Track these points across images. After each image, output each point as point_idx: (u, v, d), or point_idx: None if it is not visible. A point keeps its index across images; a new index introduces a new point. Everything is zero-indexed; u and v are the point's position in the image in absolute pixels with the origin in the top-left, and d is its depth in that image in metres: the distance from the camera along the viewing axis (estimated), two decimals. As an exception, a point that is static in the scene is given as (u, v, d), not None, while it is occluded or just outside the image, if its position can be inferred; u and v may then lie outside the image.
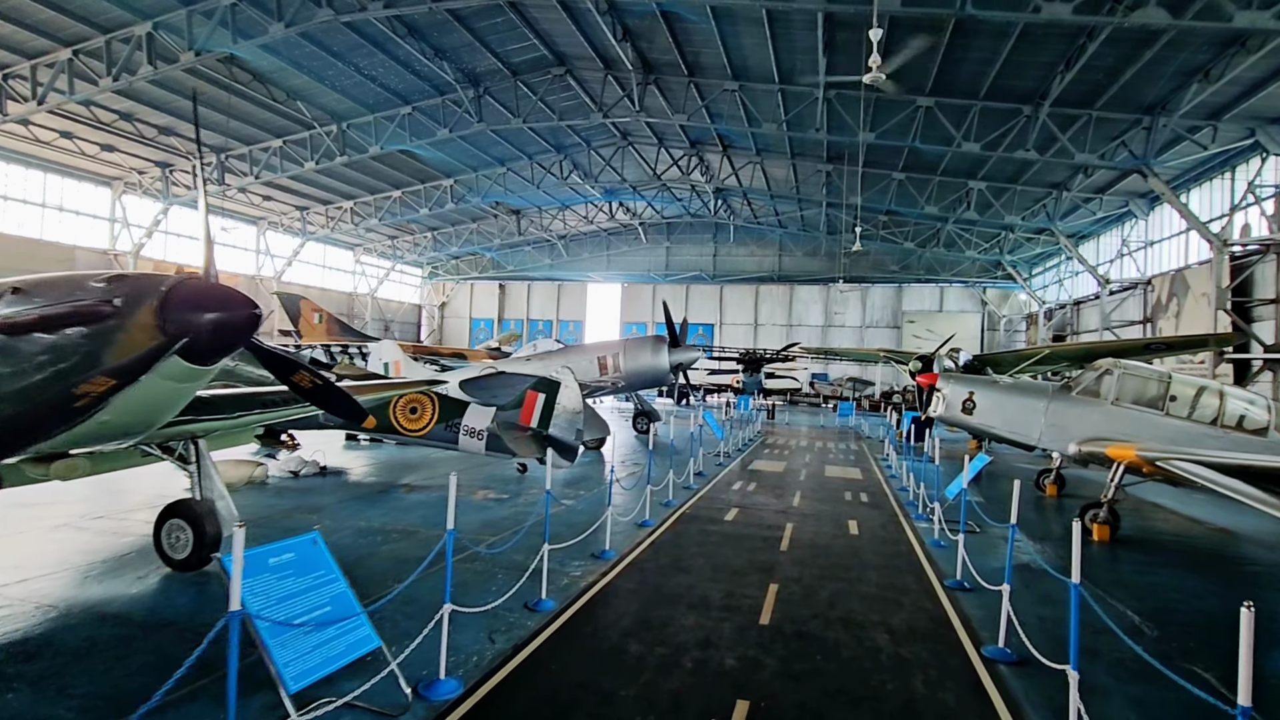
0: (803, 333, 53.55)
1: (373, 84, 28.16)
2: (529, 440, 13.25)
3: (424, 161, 37.82)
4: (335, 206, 43.32)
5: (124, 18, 21.88)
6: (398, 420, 14.13)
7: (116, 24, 22.27)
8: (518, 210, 49.46)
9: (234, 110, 29.56)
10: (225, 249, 43.19)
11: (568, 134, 35.41)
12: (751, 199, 44.64)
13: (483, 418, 14.09)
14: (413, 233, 52.02)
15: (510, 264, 58.86)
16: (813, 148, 32.37)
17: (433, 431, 14.15)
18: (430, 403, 14.39)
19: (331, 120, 30.86)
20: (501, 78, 28.27)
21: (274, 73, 26.59)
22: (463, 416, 14.18)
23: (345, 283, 54.14)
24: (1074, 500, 14.43)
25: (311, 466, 13.55)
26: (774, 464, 17.94)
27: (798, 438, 26.29)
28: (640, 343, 21.17)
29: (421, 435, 14.28)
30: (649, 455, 12.26)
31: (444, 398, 14.51)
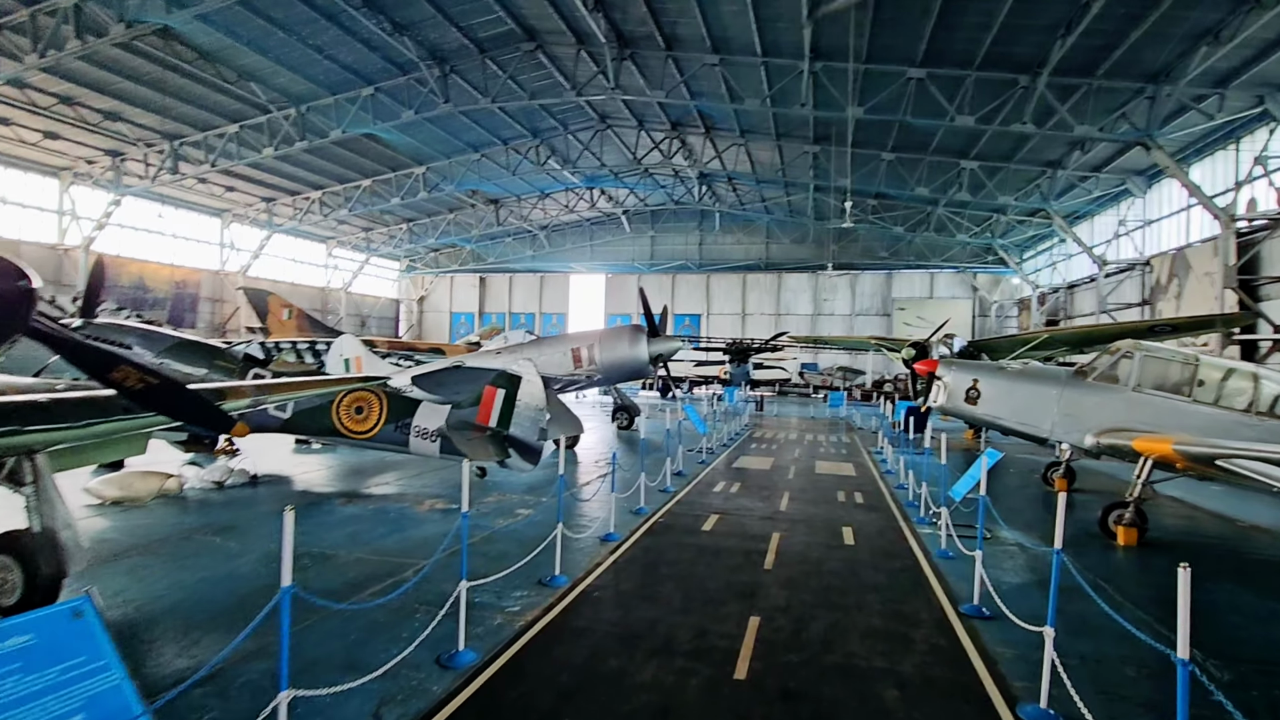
0: (791, 322, 52.34)
1: (330, 63, 26.44)
2: (485, 442, 11.81)
3: (394, 148, 36.10)
4: (303, 197, 41.48)
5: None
6: (341, 422, 12.66)
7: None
8: (496, 199, 47.79)
9: (184, 93, 27.78)
10: (187, 242, 41.34)
11: (543, 117, 33.82)
12: (737, 184, 43.24)
13: (436, 417, 12.65)
14: (387, 224, 50.22)
15: (491, 256, 57.20)
16: (799, 127, 30.98)
17: (381, 433, 12.70)
18: (378, 401, 12.93)
19: (290, 103, 29.09)
20: (468, 55, 26.63)
21: (221, 50, 24.80)
22: (414, 416, 12.75)
23: (318, 277, 52.33)
24: (1086, 496, 13.21)
25: (240, 476, 12.06)
26: (761, 460, 16.61)
27: (787, 430, 25.02)
28: (617, 333, 19.73)
29: (369, 438, 12.83)
30: (615, 457, 10.87)
31: (393, 395, 13.05)
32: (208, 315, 42.60)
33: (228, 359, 13.33)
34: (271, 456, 14.77)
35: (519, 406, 12.30)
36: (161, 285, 39.38)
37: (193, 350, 13.29)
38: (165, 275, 39.60)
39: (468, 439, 11.66)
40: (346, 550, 8.11)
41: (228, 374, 13.04)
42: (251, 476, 12.31)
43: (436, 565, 5.89)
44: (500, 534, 8.86)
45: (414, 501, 10.90)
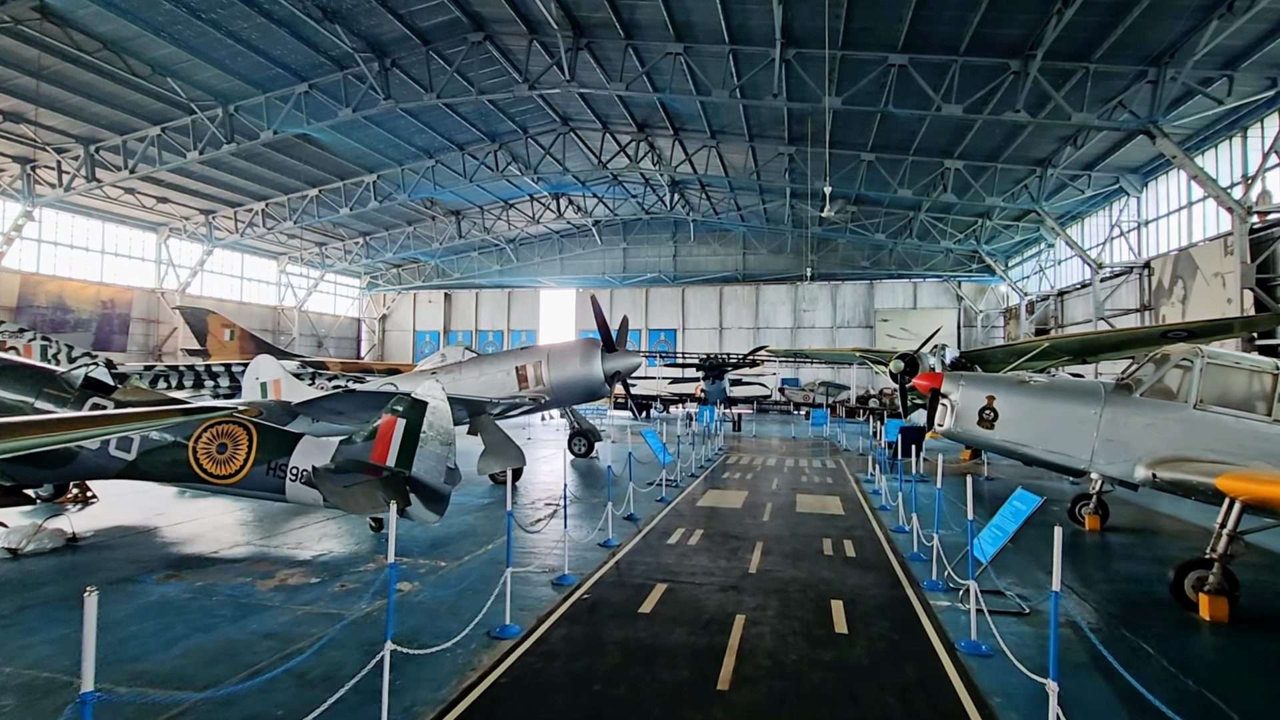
0: (770, 335, 50.20)
1: (257, 56, 23.91)
2: (374, 488, 9.18)
3: (341, 155, 33.54)
4: (245, 209, 38.64)
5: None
6: (199, 463, 9.96)
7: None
8: (457, 211, 45.29)
9: (93, 90, 25.07)
10: (119, 259, 38.23)
11: (501, 119, 31.52)
12: (710, 192, 41.18)
13: (320, 454, 10.00)
14: (342, 238, 47.46)
15: (456, 271, 54.57)
16: (772, 126, 28.95)
17: (249, 477, 10.03)
18: (246, 437, 10.25)
19: (216, 102, 26.44)
20: (410, 47, 24.26)
21: (129, 40, 22.17)
22: (291, 455, 10.10)
23: (271, 295, 49.26)
24: (1125, 537, 10.85)
25: (52, 538, 9.25)
26: (733, 495, 14.08)
27: (765, 454, 22.55)
28: (568, 349, 17.22)
29: (234, 483, 10.15)
30: (565, 495, 8.28)
31: (265, 429, 10.37)
32: (141, 337, 39.38)
33: (61, 386, 10.53)
34: (134, 505, 11.96)
35: (424, 440, 9.70)
36: (86, 305, 36.15)
37: (12, 374, 10.51)
38: (90, 294, 36.40)
39: (344, 487, 9.01)
40: (77, 672, 5.40)
41: (60, 403, 10.30)
42: (69, 538, 9.50)
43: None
44: (339, 639, 6.10)
45: (265, 573, 8.20)
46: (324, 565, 8.80)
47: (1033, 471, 17.56)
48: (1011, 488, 7.48)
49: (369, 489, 9.13)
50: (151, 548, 9.71)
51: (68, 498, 12.24)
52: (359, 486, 9.04)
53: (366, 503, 9.03)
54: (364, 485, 9.13)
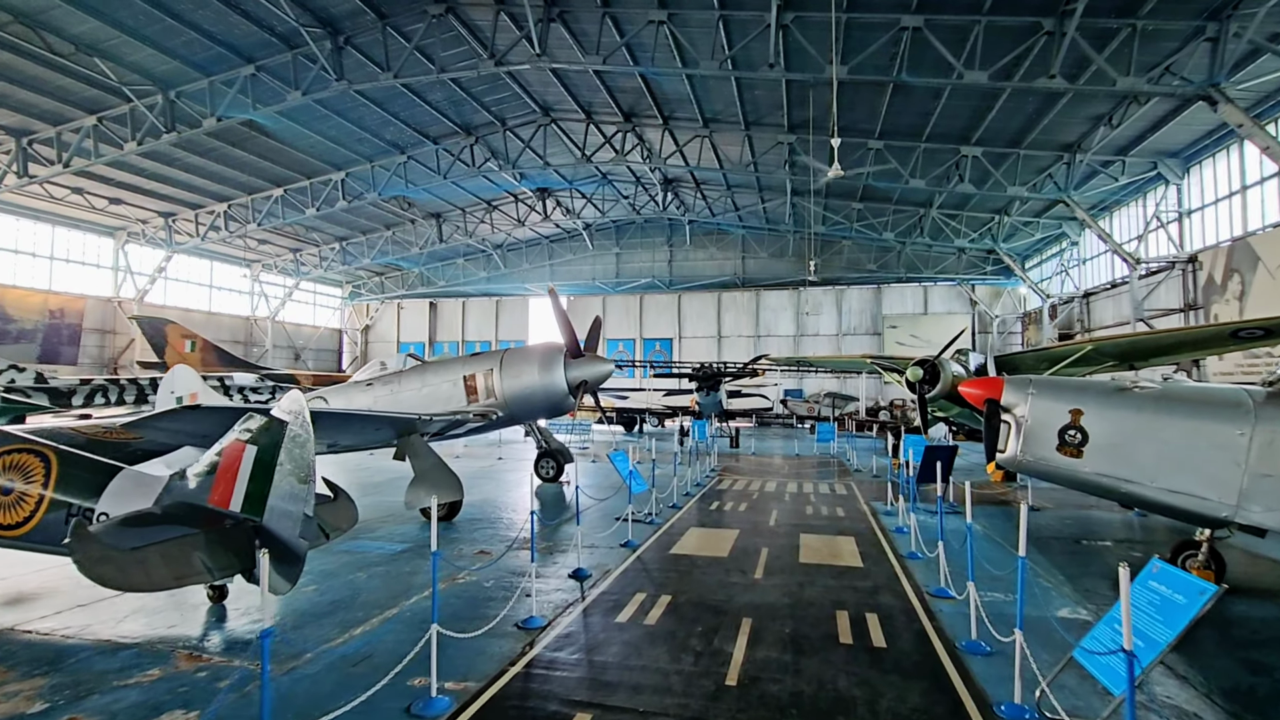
0: (772, 344, 47.33)
1: (195, 34, 21.38)
2: (188, 549, 6.29)
3: (306, 151, 31.01)
4: (206, 210, 36.09)
5: None
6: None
7: None
8: (438, 213, 42.71)
9: (14, 73, 22.53)
10: (70, 265, 35.69)
11: (476, 109, 28.95)
12: (706, 190, 38.52)
13: (140, 495, 7.19)
14: (316, 244, 44.90)
15: (441, 279, 51.95)
16: (770, 111, 26.26)
17: (40, 529, 7.26)
18: (42, 470, 7.47)
19: (155, 88, 23.89)
20: (366, 23, 21.73)
21: (41, 13, 19.62)
22: (100, 496, 7.29)
23: (243, 305, 46.69)
24: (1259, 605, 7.90)
25: None
26: (719, 536, 11.15)
27: (765, 475, 19.64)
28: (523, 354, 14.38)
29: (18, 536, 7.37)
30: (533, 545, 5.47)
31: (69, 458, 7.58)
32: (94, 349, 36.73)
33: None
34: None
35: (279, 474, 6.80)
36: (31, 314, 33.54)
37: None
38: (36, 303, 33.81)
39: (130, 550, 6.11)
40: None
41: None
42: None
43: None
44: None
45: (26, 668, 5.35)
46: (119, 658, 5.94)
47: (1082, 499, 14.63)
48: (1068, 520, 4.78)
49: (181, 550, 6.23)
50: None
51: None
52: (160, 548, 6.14)
53: (170, 572, 6.13)
54: (172, 545, 6.24)
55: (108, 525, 6.12)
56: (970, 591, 6.24)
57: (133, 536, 6.07)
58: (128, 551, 5.79)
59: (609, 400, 36.42)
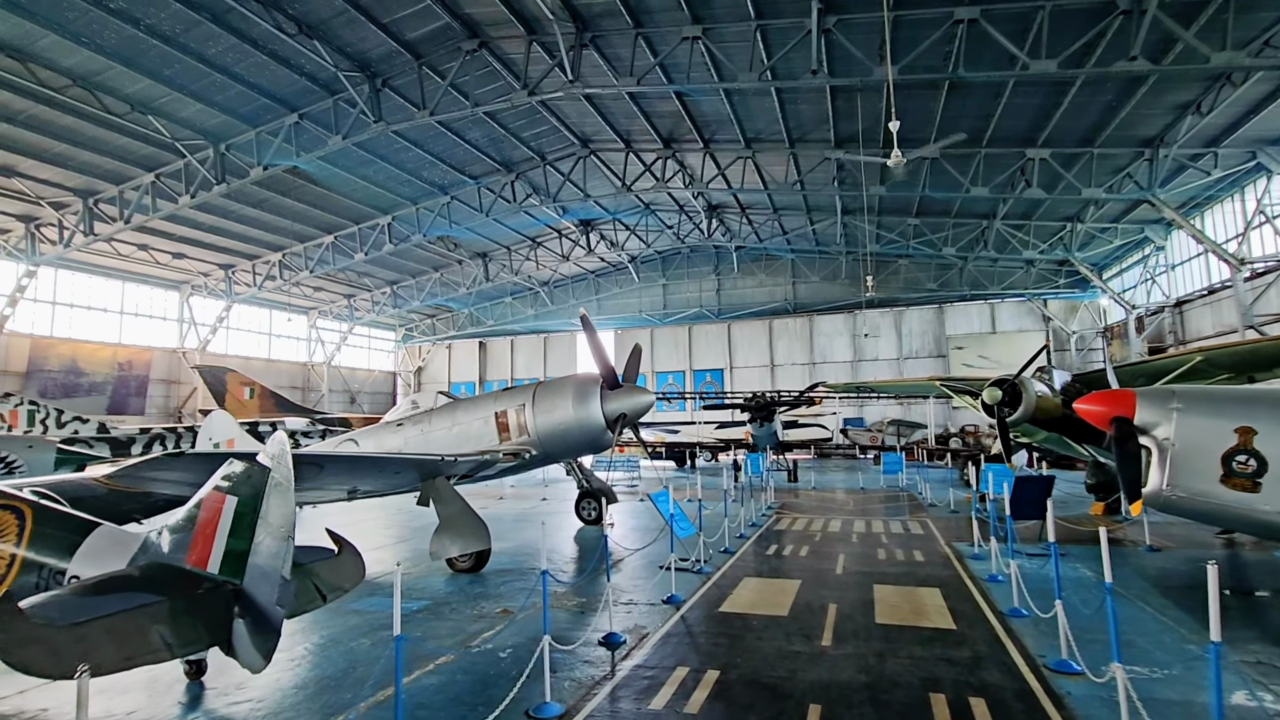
0: (828, 371, 45.27)
1: (241, 87, 21.99)
2: (146, 621, 5.33)
3: (353, 196, 31.57)
4: (262, 260, 37.18)
5: None
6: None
7: None
8: (484, 253, 42.96)
9: (79, 136, 23.61)
10: (139, 319, 37.19)
11: (515, 145, 28.90)
12: (751, 214, 37.42)
13: (113, 554, 6.35)
14: (369, 289, 45.77)
15: (490, 318, 52.23)
16: (815, 126, 25.09)
17: (11, 594, 6.43)
18: (16, 527, 6.70)
19: (206, 142, 24.65)
20: (402, 64, 21.85)
21: (98, 74, 20.43)
22: (73, 556, 6.47)
23: (300, 351, 47.86)
24: None
25: None
26: (777, 589, 9.66)
27: (827, 513, 17.90)
28: (557, 387, 13.37)
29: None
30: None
31: (45, 514, 6.80)
32: (161, 399, 37.93)
33: None
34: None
35: (261, 530, 5.82)
36: (101, 367, 34.90)
37: None
38: (106, 356, 35.20)
39: (74, 626, 5.17)
40: None
41: None
42: None
43: None
44: None
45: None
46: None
47: (1201, 532, 12.44)
48: (1200, 563, 3.49)
49: (135, 624, 5.25)
50: None
51: None
52: (108, 623, 5.17)
53: (118, 652, 5.15)
54: (125, 618, 5.27)
55: (47, 596, 5.23)
56: (1118, 677, 4.66)
57: (77, 609, 5.14)
58: (65, 629, 4.82)
59: (658, 435, 35.15)
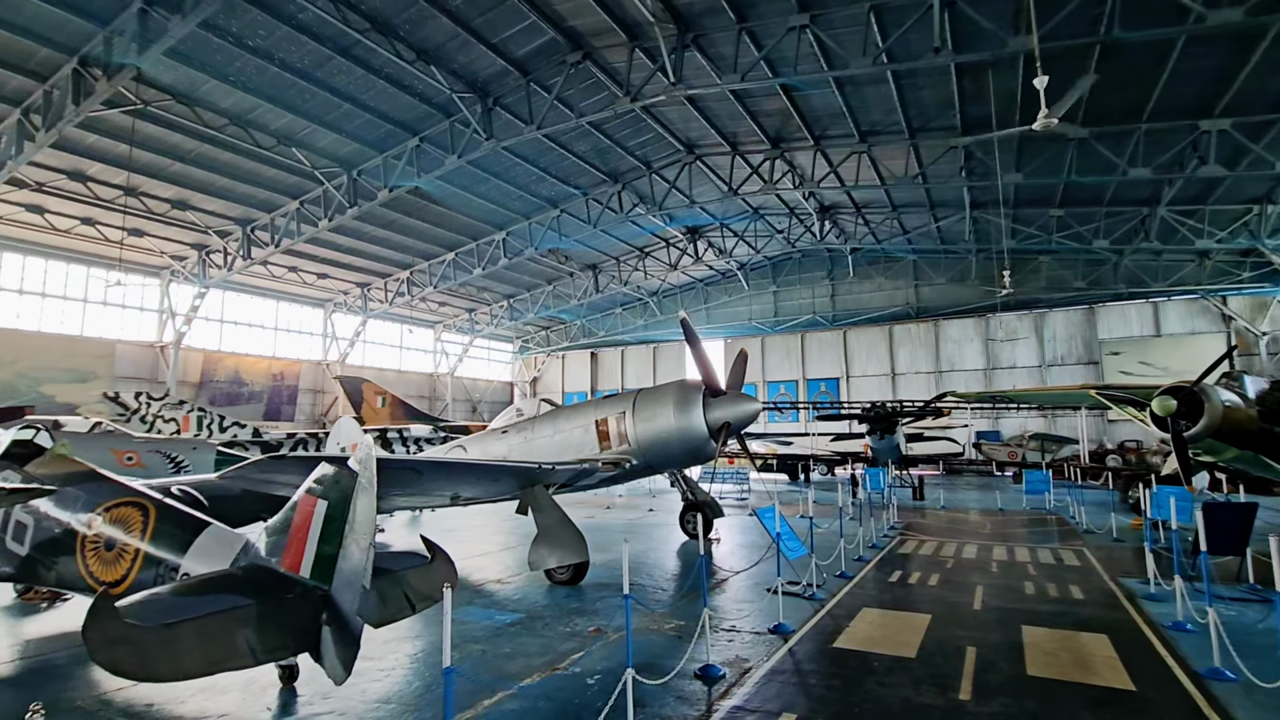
0: (957, 380, 41.74)
1: (368, 114, 23.63)
2: (233, 625, 5.32)
3: (472, 214, 33.14)
4: (393, 279, 39.88)
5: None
6: (85, 563, 6.98)
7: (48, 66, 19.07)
8: (594, 265, 43.64)
9: (237, 170, 26.35)
10: (290, 334, 41.02)
11: (621, 155, 29.05)
12: (868, 214, 35.33)
13: (219, 554, 6.54)
14: (488, 303, 47.88)
15: (600, 329, 53.08)
16: (938, 113, 23.13)
17: (135, 586, 6.77)
18: (141, 522, 7.11)
19: (341, 169, 26.72)
20: (511, 82, 22.53)
21: (249, 112, 22.68)
22: (186, 553, 6.74)
23: (427, 363, 50.92)
24: None
25: None
26: (902, 624, 8.49)
27: (958, 536, 16.09)
28: (657, 395, 12.85)
29: (119, 594, 6.96)
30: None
31: (167, 511, 7.14)
32: (308, 407, 41.57)
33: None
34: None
35: (348, 536, 5.72)
36: (259, 378, 38.78)
37: None
38: (263, 368, 39.08)
39: (162, 627, 5.19)
40: None
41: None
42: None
43: None
44: None
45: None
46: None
47: None
48: None
49: (223, 627, 5.24)
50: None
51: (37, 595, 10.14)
52: (198, 624, 5.18)
53: (204, 655, 5.13)
54: (214, 621, 5.27)
55: (145, 595, 5.35)
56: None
57: (170, 609, 5.19)
58: (155, 630, 4.85)
59: (769, 447, 33.80)
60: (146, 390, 28.96)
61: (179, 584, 5.70)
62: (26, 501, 7.07)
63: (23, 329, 29.42)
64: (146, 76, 19.67)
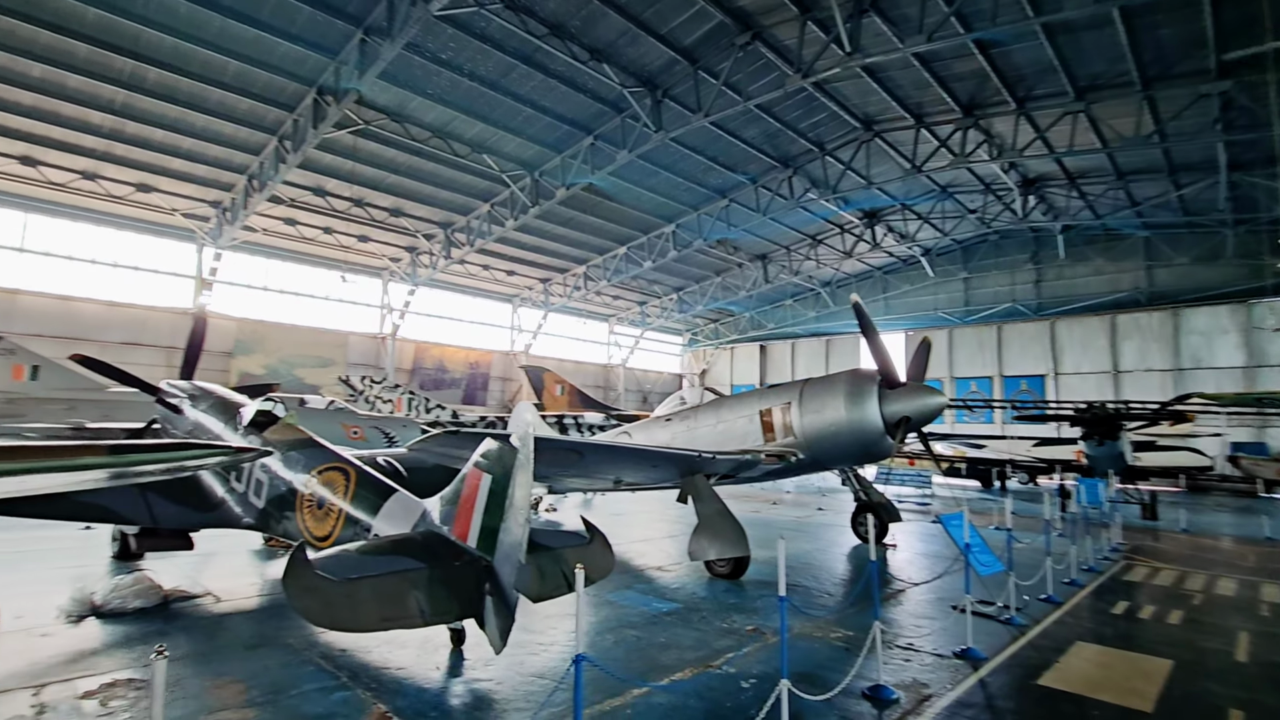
0: (1203, 379, 34.75)
1: (548, 118, 25.10)
2: (406, 586, 5.73)
3: (643, 209, 33.89)
4: (571, 274, 42.10)
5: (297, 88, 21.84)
6: (303, 518, 8.08)
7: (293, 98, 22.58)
8: (763, 255, 42.59)
9: (439, 179, 29.32)
10: (484, 328, 44.97)
11: (793, 139, 27.96)
12: (1084, 184, 30.53)
13: (403, 518, 7.19)
14: (658, 296, 48.81)
15: (770, 321, 51.85)
16: (1183, 55, 19.23)
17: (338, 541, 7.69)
18: (344, 484, 8.06)
19: (524, 171, 28.66)
20: (679, 72, 22.60)
21: (448, 124, 25.10)
22: (377, 515, 7.49)
23: (601, 355, 53.27)
24: None
25: (137, 595, 8.06)
26: (1131, 666, 6.99)
27: (1209, 567, 13.20)
28: (827, 384, 11.97)
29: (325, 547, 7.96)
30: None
31: (364, 476, 8.02)
32: (498, 393, 45.38)
33: (237, 420, 9.82)
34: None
35: (509, 510, 5.99)
36: (458, 367, 43.06)
37: (223, 406, 10.21)
38: (462, 358, 43.31)
39: (348, 580, 5.68)
40: None
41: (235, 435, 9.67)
42: (164, 596, 8.30)
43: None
44: None
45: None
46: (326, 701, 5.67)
47: None
48: None
49: (397, 587, 5.67)
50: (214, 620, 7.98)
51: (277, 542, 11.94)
52: (375, 583, 5.63)
53: (379, 611, 5.55)
54: (390, 580, 5.71)
55: (335, 551, 5.94)
56: None
57: (354, 565, 5.73)
58: (340, 583, 5.37)
59: (958, 449, 30.61)
60: (369, 375, 33.44)
61: (364, 543, 6.28)
62: (251, 461, 8.16)
63: (282, 323, 35.34)
64: (366, 99, 22.47)
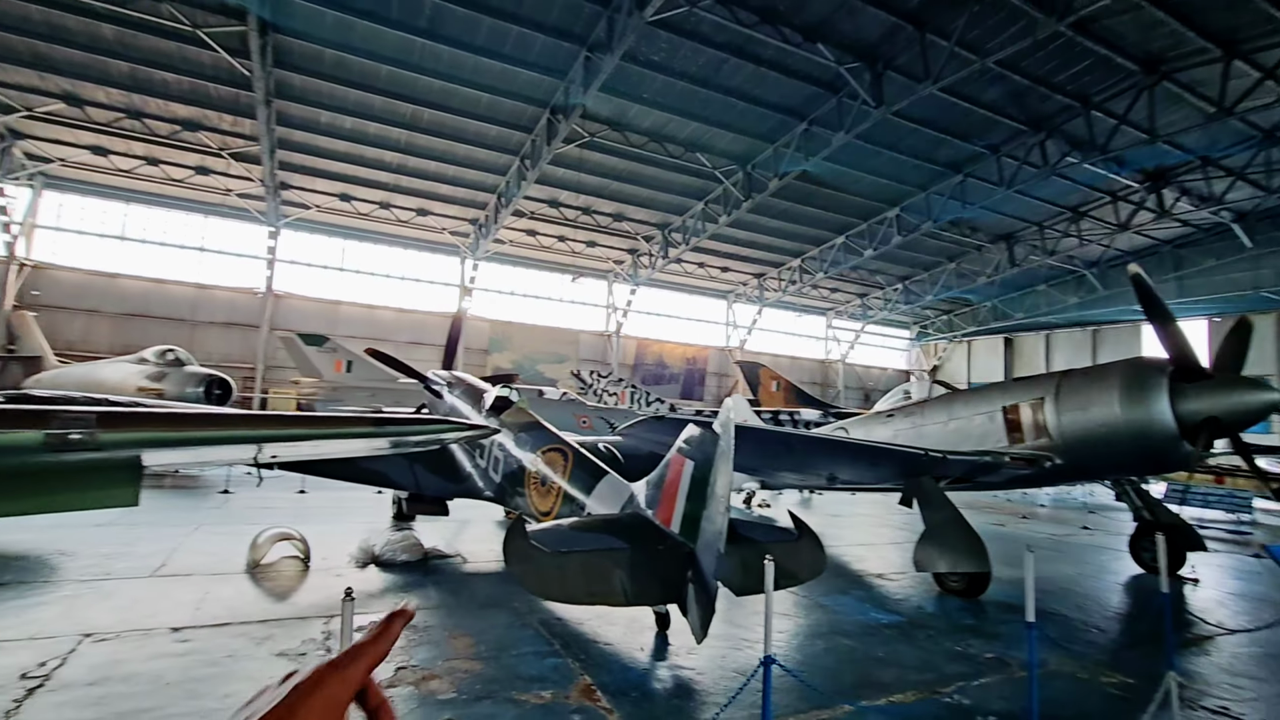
0: None
1: (759, 108, 24.76)
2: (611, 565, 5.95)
3: (861, 193, 31.91)
4: (786, 267, 41.12)
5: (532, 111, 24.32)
6: (530, 494, 8.97)
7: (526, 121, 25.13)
8: (1007, 235, 37.41)
9: (656, 181, 30.55)
10: (700, 324, 45.96)
11: (1046, 96, 24.11)
12: None
13: (612, 500, 7.59)
14: (880, 286, 45.52)
15: (1017, 310, 45.50)
16: None
17: (557, 516, 8.39)
18: (563, 464, 8.78)
19: (736, 166, 28.64)
20: (901, 39, 20.78)
21: (663, 127, 26.07)
22: (590, 495, 7.99)
23: (819, 350, 51.31)
24: None
25: (405, 550, 9.43)
26: None
27: None
28: (1096, 376, 9.92)
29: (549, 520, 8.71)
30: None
31: (580, 458, 8.65)
32: (714, 388, 46.06)
33: (481, 403, 11.16)
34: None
35: (710, 498, 6.01)
36: (677, 362, 44.57)
37: (472, 392, 11.74)
38: (679, 354, 44.74)
39: (561, 554, 5.99)
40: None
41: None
42: (424, 553, 9.63)
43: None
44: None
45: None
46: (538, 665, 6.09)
47: None
48: None
49: (602, 564, 5.90)
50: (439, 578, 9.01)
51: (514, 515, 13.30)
52: (583, 558, 5.91)
53: (585, 586, 5.80)
54: (595, 558, 5.96)
55: (549, 525, 6.37)
56: None
57: (566, 540, 6.08)
58: (551, 555, 5.74)
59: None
60: (597, 369, 36.05)
61: (576, 520, 6.67)
62: (485, 438, 9.07)
63: (525, 323, 39.71)
64: (589, 112, 24.13)
